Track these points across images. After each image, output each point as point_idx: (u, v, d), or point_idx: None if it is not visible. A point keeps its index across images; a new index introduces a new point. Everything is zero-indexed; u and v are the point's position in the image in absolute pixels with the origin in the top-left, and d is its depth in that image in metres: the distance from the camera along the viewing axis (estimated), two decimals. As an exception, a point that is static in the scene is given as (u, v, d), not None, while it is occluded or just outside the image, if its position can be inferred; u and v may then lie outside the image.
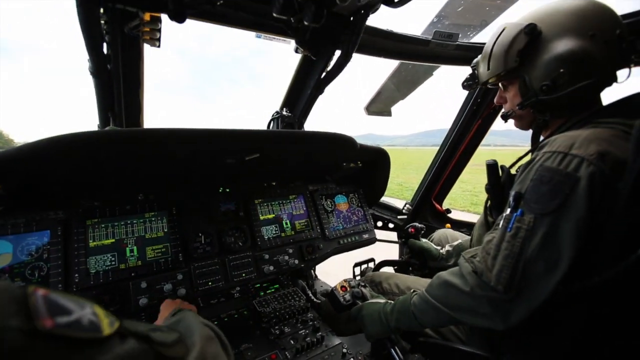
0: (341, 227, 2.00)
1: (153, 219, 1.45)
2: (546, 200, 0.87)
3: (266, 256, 1.65)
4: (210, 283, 1.46)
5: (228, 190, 1.70)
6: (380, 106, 2.67)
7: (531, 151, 1.19)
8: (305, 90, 1.91)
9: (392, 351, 1.21)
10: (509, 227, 0.93)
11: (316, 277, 2.28)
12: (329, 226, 1.95)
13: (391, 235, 2.77)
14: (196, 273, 1.44)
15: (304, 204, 1.92)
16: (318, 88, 1.85)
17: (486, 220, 1.33)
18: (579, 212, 0.81)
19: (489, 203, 1.30)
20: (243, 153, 1.41)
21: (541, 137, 1.21)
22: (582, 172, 0.83)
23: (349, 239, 1.99)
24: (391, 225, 2.73)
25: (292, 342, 1.25)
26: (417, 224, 1.89)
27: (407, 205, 2.80)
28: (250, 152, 1.42)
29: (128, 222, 1.39)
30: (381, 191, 2.26)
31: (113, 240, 1.34)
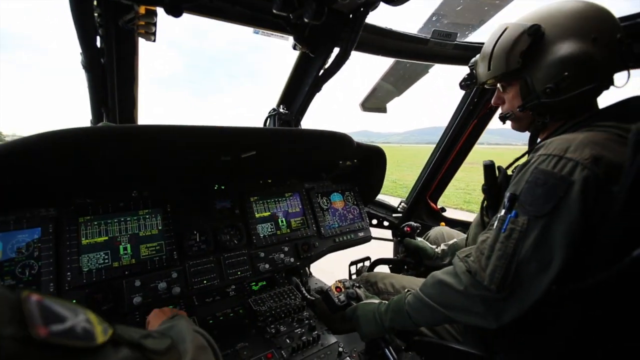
0: (337, 225, 2.00)
1: (147, 217, 1.43)
2: (540, 202, 0.88)
3: (262, 254, 1.64)
4: (205, 281, 1.44)
5: (223, 187, 1.68)
6: (375, 102, 2.66)
7: (528, 153, 1.20)
8: (302, 87, 1.90)
9: (387, 351, 1.22)
10: (503, 228, 0.94)
11: (310, 275, 2.28)
12: (325, 224, 1.95)
13: (386, 233, 2.79)
14: (191, 271, 1.43)
15: (300, 202, 1.91)
16: (316, 85, 1.84)
17: (482, 220, 1.35)
18: (572, 216, 0.82)
19: (485, 203, 1.31)
20: (239, 150, 1.40)
21: (538, 139, 1.22)
22: (576, 176, 0.83)
23: (345, 237, 1.99)
24: (386, 223, 2.74)
25: (288, 341, 1.25)
26: (413, 223, 1.90)
27: (402, 203, 2.80)
28: (246, 150, 1.40)
29: (121, 220, 1.37)
30: (377, 189, 2.26)
31: (106, 237, 1.32)
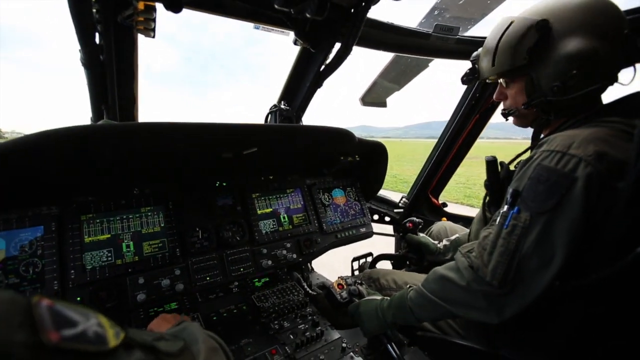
0: (338, 221, 2.00)
1: (149, 214, 1.43)
2: (542, 199, 0.87)
3: (264, 250, 1.64)
4: (208, 278, 1.45)
5: (225, 184, 1.68)
6: (375, 97, 2.64)
7: (530, 149, 1.19)
8: (303, 83, 1.88)
9: (389, 347, 1.23)
10: (506, 224, 0.94)
11: (312, 270, 2.29)
12: (327, 220, 1.94)
13: (387, 228, 2.79)
14: (194, 268, 1.43)
15: (302, 198, 1.91)
16: (317, 81, 1.82)
17: (484, 215, 1.35)
18: (575, 212, 0.82)
19: (488, 199, 1.30)
20: (241, 147, 1.39)
21: (541, 135, 1.21)
22: (580, 173, 0.83)
23: (346, 233, 1.99)
24: (387, 218, 2.75)
25: (292, 337, 1.26)
26: (415, 219, 1.90)
27: (404, 198, 2.80)
28: (248, 147, 1.40)
29: (124, 217, 1.37)
30: (378, 185, 2.25)
31: (109, 235, 1.32)
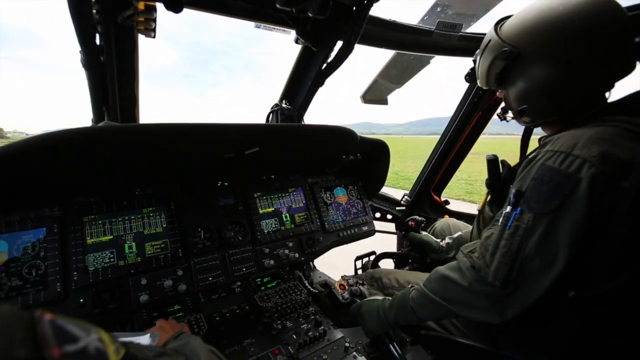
0: (340, 220, 2.00)
1: (151, 215, 1.43)
2: (546, 200, 0.87)
3: (266, 250, 1.64)
4: (210, 278, 1.45)
5: (227, 184, 1.68)
6: (376, 94, 2.63)
7: (521, 150, 1.27)
8: (305, 82, 1.87)
9: (391, 347, 1.23)
10: (508, 225, 0.93)
11: (314, 268, 2.29)
12: (329, 219, 1.94)
13: (389, 226, 2.79)
14: (196, 268, 1.43)
15: (303, 197, 1.91)
16: (318, 80, 1.81)
17: (486, 214, 1.34)
18: (578, 214, 0.81)
19: (489, 198, 1.30)
20: (243, 147, 1.39)
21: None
22: (584, 174, 0.82)
23: (349, 232, 1.99)
24: (389, 216, 2.74)
25: (295, 337, 1.26)
26: (417, 217, 1.89)
27: (406, 196, 2.80)
28: (250, 147, 1.39)
29: (126, 218, 1.37)
30: (380, 183, 2.24)
31: (111, 236, 1.32)
